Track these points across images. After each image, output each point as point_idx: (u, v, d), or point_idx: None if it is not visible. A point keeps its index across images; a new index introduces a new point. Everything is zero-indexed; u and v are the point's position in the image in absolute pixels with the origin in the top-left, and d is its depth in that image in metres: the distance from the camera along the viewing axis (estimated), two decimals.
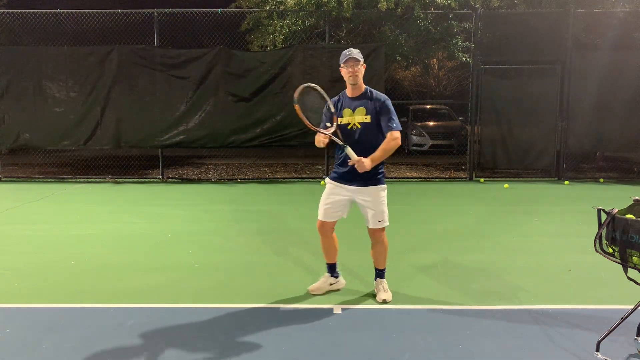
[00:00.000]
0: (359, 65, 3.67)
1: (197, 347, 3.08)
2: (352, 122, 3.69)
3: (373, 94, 3.74)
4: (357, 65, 3.66)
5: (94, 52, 9.39)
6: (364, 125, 3.67)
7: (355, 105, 3.71)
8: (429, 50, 11.18)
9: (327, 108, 3.73)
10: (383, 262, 3.89)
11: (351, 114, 3.70)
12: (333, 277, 3.96)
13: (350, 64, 3.65)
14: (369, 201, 3.70)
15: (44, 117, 9.45)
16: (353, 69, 3.65)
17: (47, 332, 3.28)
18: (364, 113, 3.68)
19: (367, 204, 3.71)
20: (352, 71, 3.65)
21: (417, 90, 22.38)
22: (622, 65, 9.39)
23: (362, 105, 3.70)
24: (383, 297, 3.76)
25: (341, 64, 3.71)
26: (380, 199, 3.72)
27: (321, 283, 3.95)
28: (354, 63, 3.65)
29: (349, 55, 3.66)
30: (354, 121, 3.69)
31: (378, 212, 3.72)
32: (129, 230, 6.00)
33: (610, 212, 2.78)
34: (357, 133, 3.68)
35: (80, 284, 4.16)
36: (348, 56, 3.66)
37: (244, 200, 8.04)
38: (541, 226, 6.15)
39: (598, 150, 11.18)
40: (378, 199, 3.71)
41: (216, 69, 9.34)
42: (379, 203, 3.71)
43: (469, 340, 3.16)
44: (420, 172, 10.83)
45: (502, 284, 4.17)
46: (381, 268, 3.90)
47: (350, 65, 3.66)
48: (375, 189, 3.71)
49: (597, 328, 3.18)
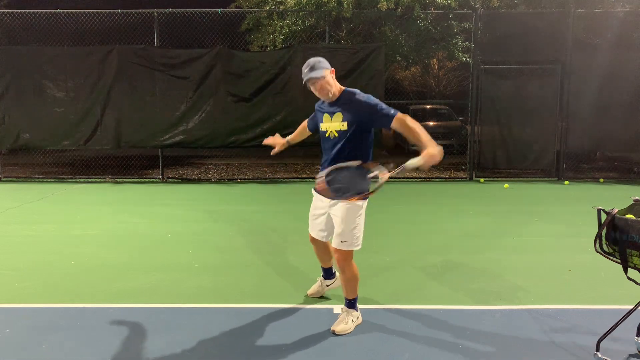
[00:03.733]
0: (321, 80, 3.16)
1: (197, 347, 3.08)
2: (329, 130, 3.26)
3: (352, 96, 3.21)
4: (318, 82, 3.17)
5: (94, 52, 9.39)
6: (341, 134, 3.21)
7: (332, 110, 3.27)
8: (429, 50, 11.18)
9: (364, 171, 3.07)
10: (350, 291, 3.33)
11: (329, 120, 3.27)
12: (329, 279, 3.82)
13: (311, 82, 3.18)
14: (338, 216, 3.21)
15: (44, 117, 9.44)
16: (315, 87, 3.19)
17: (47, 332, 3.28)
18: (340, 119, 3.21)
19: (336, 218, 3.23)
20: (318, 89, 3.20)
21: (417, 90, 22.40)
22: (622, 65, 9.39)
23: (339, 110, 3.23)
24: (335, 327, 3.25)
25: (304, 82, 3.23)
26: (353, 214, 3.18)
27: (317, 286, 3.85)
28: (314, 82, 3.17)
29: (306, 76, 3.16)
30: (330, 128, 3.25)
31: (345, 230, 3.18)
32: (129, 230, 6.00)
33: (610, 212, 2.78)
34: (333, 141, 3.24)
35: (80, 284, 4.16)
36: (306, 77, 3.16)
37: (244, 200, 8.04)
38: (541, 226, 6.15)
39: (598, 150, 11.18)
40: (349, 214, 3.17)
41: (216, 69, 9.34)
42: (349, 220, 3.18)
43: (469, 340, 3.16)
44: (420, 172, 10.81)
45: (502, 284, 4.17)
46: (349, 298, 3.35)
47: (311, 83, 3.19)
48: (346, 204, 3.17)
49: (597, 328, 3.18)
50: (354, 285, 3.32)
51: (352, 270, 3.28)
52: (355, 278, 3.31)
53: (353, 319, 3.33)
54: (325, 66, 3.18)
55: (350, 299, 3.35)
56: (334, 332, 3.24)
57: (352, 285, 3.31)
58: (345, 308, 3.37)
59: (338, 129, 3.22)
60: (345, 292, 3.36)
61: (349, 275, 3.28)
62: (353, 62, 9.28)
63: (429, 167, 2.92)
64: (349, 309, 3.35)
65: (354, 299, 3.36)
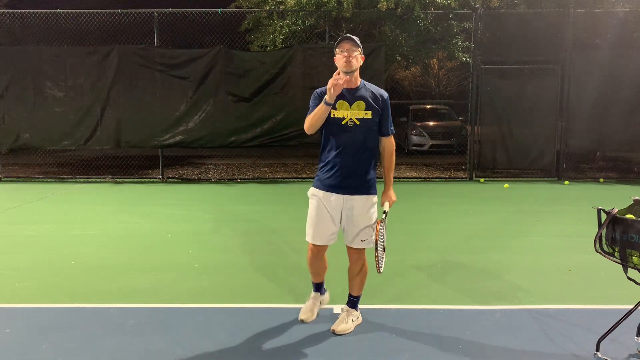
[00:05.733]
0: (357, 51, 3.04)
1: (197, 347, 3.08)
2: (347, 117, 3.08)
3: (372, 87, 3.19)
4: (354, 49, 3.02)
5: (94, 52, 9.38)
6: (363, 122, 3.09)
7: (353, 97, 3.11)
8: (429, 50, 11.19)
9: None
10: (361, 287, 3.33)
11: (347, 107, 3.09)
12: (323, 295, 3.57)
13: (345, 47, 3.01)
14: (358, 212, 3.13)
15: (44, 117, 9.44)
16: (349, 54, 3.01)
17: (47, 332, 3.28)
18: (364, 108, 3.09)
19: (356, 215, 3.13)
20: (348, 56, 3.01)
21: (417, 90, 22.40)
22: (622, 65, 9.39)
23: (361, 98, 3.11)
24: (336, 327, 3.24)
25: (336, 50, 3.08)
26: (370, 211, 3.17)
27: (312, 305, 3.49)
28: (350, 46, 3.01)
29: (347, 39, 3.04)
30: (350, 116, 3.08)
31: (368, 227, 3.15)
32: (129, 230, 6.00)
33: (610, 212, 2.78)
34: (352, 130, 3.08)
35: (80, 284, 4.16)
36: (346, 39, 3.03)
37: (244, 200, 8.04)
38: (541, 226, 6.15)
39: (598, 150, 11.18)
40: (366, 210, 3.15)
41: (216, 69, 9.34)
42: (369, 216, 3.15)
43: (469, 340, 3.16)
44: (420, 172, 10.82)
45: (502, 284, 4.17)
46: (356, 295, 3.34)
47: (345, 48, 3.02)
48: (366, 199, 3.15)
49: (597, 328, 3.17)
50: (364, 280, 3.32)
51: (366, 265, 3.27)
52: (366, 273, 3.31)
53: (353, 318, 3.32)
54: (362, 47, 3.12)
55: (358, 295, 3.34)
56: (335, 332, 3.23)
57: (364, 280, 3.31)
58: (346, 308, 3.35)
59: (361, 116, 3.09)
60: (357, 288, 3.32)
61: (365, 270, 3.28)
62: None
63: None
64: (350, 309, 3.34)
65: (359, 296, 3.36)
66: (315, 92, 3.18)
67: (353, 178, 3.12)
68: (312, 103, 3.16)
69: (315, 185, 3.22)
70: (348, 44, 3.01)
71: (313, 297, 3.52)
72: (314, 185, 3.24)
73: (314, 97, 3.17)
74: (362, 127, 3.10)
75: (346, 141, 3.09)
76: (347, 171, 3.11)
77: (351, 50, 3.02)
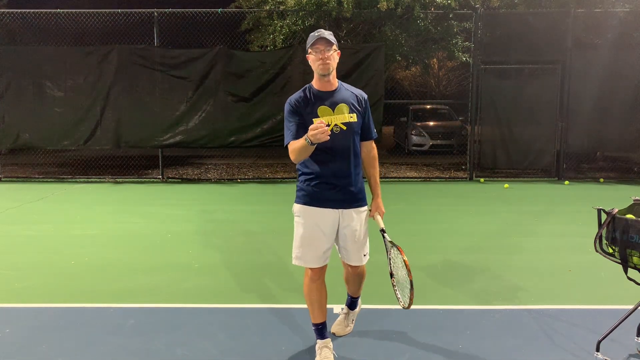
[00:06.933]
0: (332, 49, 2.72)
1: (197, 347, 3.08)
2: (332, 123, 2.75)
3: (351, 88, 2.92)
4: (329, 48, 2.71)
5: (94, 52, 9.38)
6: (349, 127, 2.79)
7: (334, 101, 2.80)
8: (429, 50, 11.19)
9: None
10: (359, 289, 3.24)
11: (330, 113, 2.78)
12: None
13: (319, 48, 2.70)
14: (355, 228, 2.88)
15: (44, 117, 9.44)
16: (324, 55, 2.70)
17: (47, 332, 3.28)
18: (347, 111, 2.80)
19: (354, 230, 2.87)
20: (323, 57, 2.70)
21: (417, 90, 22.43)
22: (622, 65, 9.39)
23: (343, 101, 2.81)
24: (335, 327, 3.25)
25: (308, 49, 2.75)
26: (366, 222, 2.98)
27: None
28: (324, 46, 2.70)
29: (318, 35, 2.71)
30: (335, 121, 2.76)
31: (366, 241, 2.98)
32: (128, 230, 6.00)
33: (610, 212, 2.78)
34: (339, 137, 2.76)
35: (80, 284, 4.16)
36: (317, 36, 2.71)
37: (244, 200, 8.04)
38: (541, 226, 6.15)
39: (598, 150, 11.17)
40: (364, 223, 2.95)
41: (216, 69, 9.34)
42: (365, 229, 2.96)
43: (469, 340, 3.16)
44: (420, 172, 10.82)
45: (502, 284, 4.17)
46: (356, 296, 3.27)
47: (319, 49, 2.70)
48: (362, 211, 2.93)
49: (597, 328, 3.18)
50: (363, 282, 3.22)
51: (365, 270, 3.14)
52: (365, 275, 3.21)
53: (353, 318, 3.32)
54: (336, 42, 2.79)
55: (358, 296, 3.27)
56: (334, 332, 3.22)
57: (362, 283, 3.20)
58: (346, 308, 3.32)
59: (346, 120, 2.77)
60: (356, 290, 3.23)
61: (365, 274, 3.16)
62: (353, 62, 9.27)
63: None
64: (350, 309, 3.31)
65: (358, 296, 3.29)
66: (289, 104, 2.81)
67: (346, 189, 2.82)
68: (290, 118, 2.80)
69: (303, 202, 2.89)
70: (322, 44, 2.70)
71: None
72: (300, 201, 2.90)
73: (290, 112, 2.80)
74: (349, 132, 2.79)
75: (335, 149, 2.76)
76: (339, 182, 2.80)
77: (326, 50, 2.71)
